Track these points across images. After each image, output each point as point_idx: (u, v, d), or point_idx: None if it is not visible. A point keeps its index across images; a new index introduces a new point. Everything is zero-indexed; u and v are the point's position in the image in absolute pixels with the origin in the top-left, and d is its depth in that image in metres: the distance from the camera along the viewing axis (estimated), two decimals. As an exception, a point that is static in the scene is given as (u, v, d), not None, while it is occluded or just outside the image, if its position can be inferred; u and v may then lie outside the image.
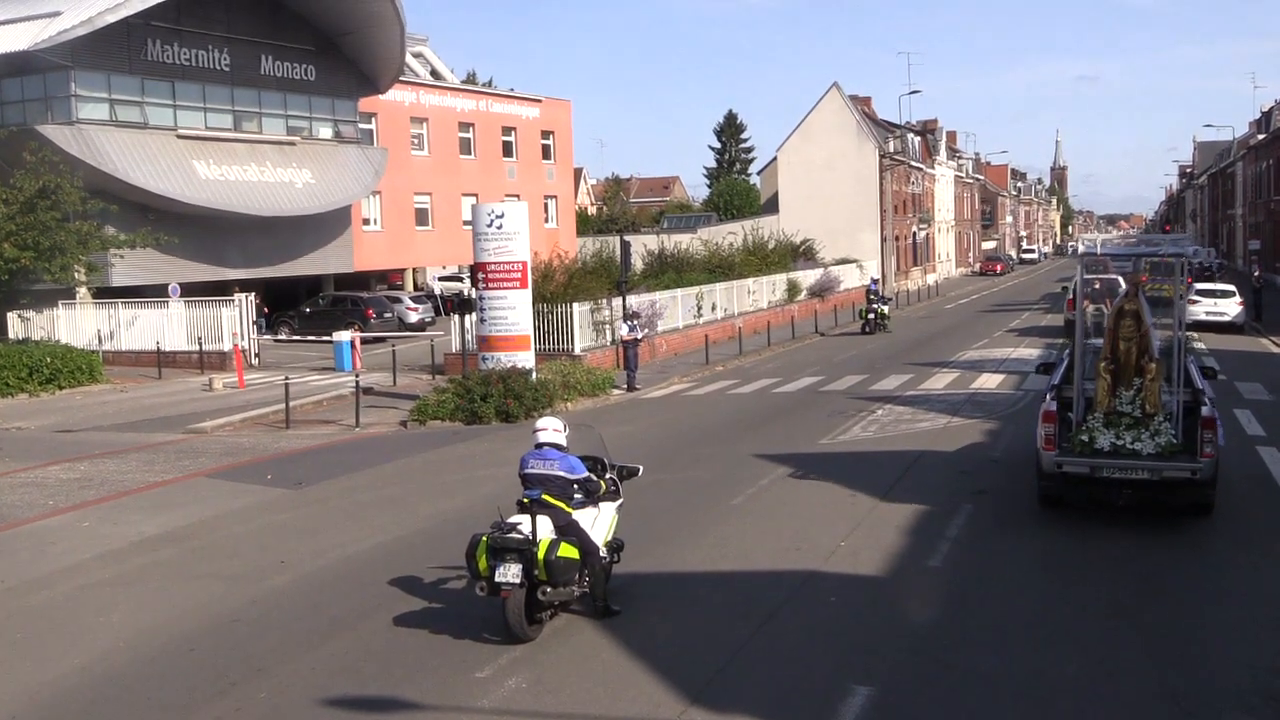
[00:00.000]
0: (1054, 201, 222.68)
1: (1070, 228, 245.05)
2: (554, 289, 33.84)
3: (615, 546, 11.76)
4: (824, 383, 30.35)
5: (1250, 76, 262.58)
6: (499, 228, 27.19)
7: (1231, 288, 45.64)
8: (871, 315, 46.14)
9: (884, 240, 76.45)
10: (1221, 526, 14.55)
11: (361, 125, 51.27)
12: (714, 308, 44.08)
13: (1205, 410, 14.69)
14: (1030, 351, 35.94)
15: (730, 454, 20.35)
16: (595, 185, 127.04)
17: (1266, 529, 14.45)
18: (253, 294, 38.72)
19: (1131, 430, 14.81)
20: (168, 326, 37.98)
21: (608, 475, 11.87)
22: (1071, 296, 38.86)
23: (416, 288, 59.42)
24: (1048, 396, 15.86)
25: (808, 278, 56.31)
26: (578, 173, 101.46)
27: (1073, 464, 14.75)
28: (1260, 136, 78.22)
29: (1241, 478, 17.26)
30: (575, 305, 33.27)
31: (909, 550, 13.66)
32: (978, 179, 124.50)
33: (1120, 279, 30.80)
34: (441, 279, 60.38)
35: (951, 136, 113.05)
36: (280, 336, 45.42)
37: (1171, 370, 15.49)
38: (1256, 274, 52.14)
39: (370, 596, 12.36)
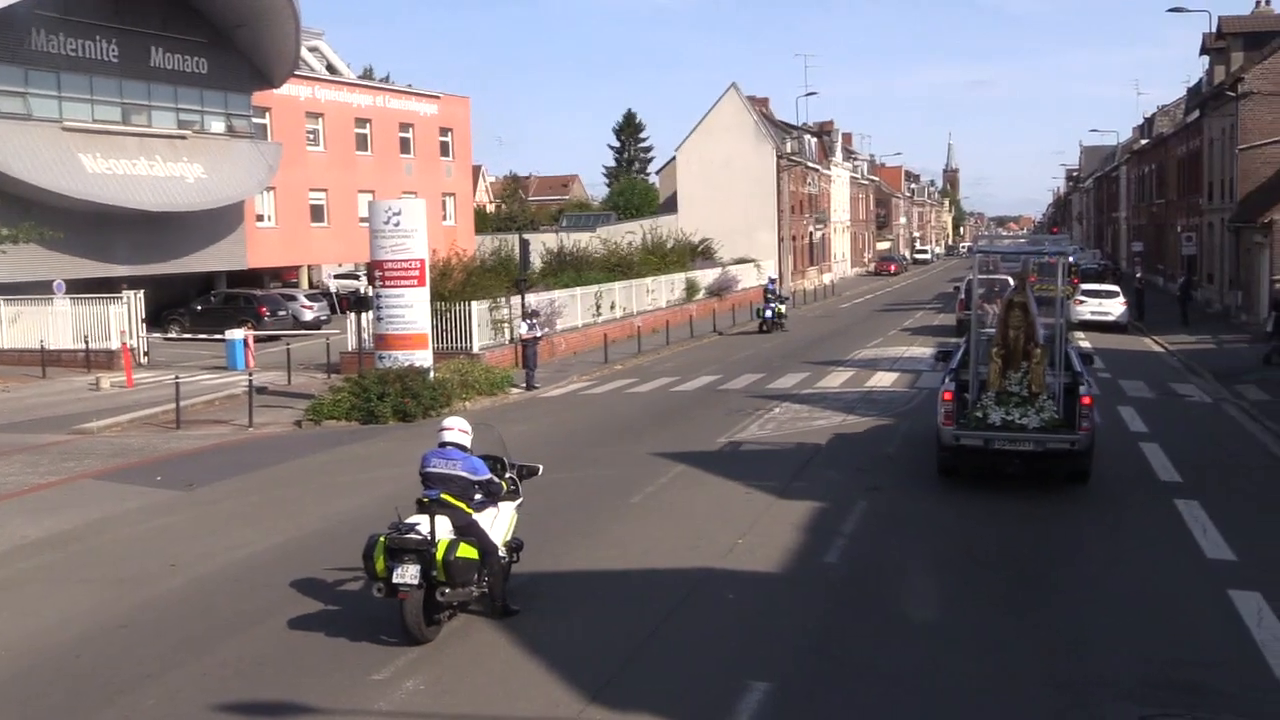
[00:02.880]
0: (946, 203, 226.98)
1: (962, 229, 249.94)
2: (452, 287, 33.58)
3: (514, 546, 11.69)
4: (722, 381, 30.54)
5: (1134, 83, 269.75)
6: (396, 225, 26.92)
7: (1116, 289, 47.01)
8: (769, 314, 46.55)
9: (781, 240, 77.18)
10: (1107, 523, 14.96)
11: (255, 120, 50.32)
12: (613, 307, 44.09)
13: (1083, 390, 16.61)
14: (923, 350, 36.53)
15: (629, 453, 20.36)
16: (494, 183, 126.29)
17: (1150, 527, 14.88)
18: (142, 291, 37.80)
19: (1020, 408, 16.52)
20: (52, 324, 36.88)
21: (507, 475, 11.81)
22: (963, 297, 39.60)
23: (312, 285, 58.55)
24: (946, 379, 17.47)
25: (706, 277, 56.62)
26: (476, 170, 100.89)
27: (969, 437, 16.52)
28: (1143, 142, 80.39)
29: (1123, 472, 17.80)
30: (474, 304, 33.03)
31: (805, 547, 13.79)
32: (873, 180, 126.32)
33: (1010, 280, 31.49)
34: (337, 277, 59.54)
35: (847, 138, 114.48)
36: (171, 335, 44.42)
37: (1054, 356, 17.16)
38: (1139, 275, 53.81)
39: (265, 599, 12.14)
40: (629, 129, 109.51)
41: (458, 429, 11.37)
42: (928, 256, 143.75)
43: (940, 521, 15.09)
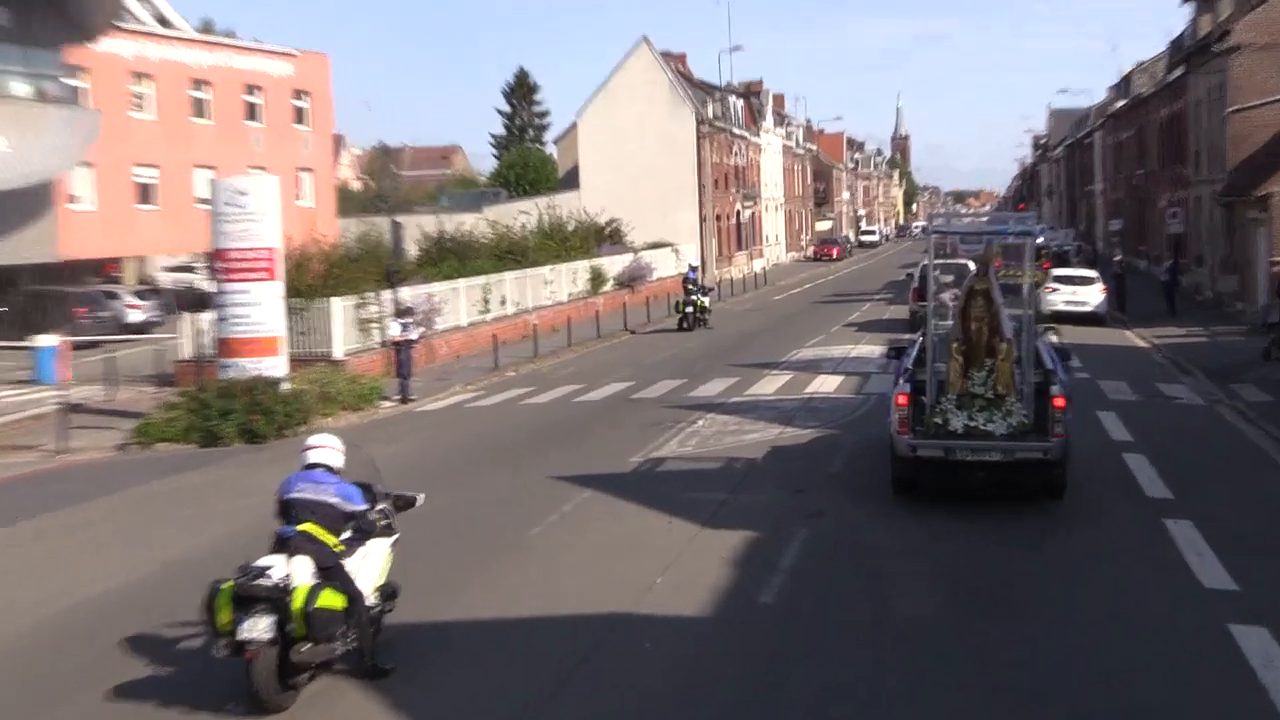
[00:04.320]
0: (896, 176, 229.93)
1: (915, 205, 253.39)
2: (310, 280, 33.23)
3: (388, 593, 11.55)
4: (635, 389, 30.55)
5: (1108, 37, 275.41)
6: (242, 207, 26.60)
7: (1093, 274, 47.80)
8: (690, 309, 46.70)
9: (703, 220, 77.53)
10: (1087, 547, 15.16)
11: (69, 82, 49.32)
12: (504, 301, 43.94)
13: (1055, 390, 16.74)
14: (872, 349, 36.85)
15: (525, 476, 20.27)
16: (360, 156, 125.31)
17: (1136, 551, 15.10)
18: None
19: (984, 412, 16.74)
20: None
21: (380, 506, 11.66)
22: (917, 285, 40.00)
23: (140, 281, 57.60)
24: (900, 380, 17.64)
25: (614, 265, 56.63)
26: (338, 141, 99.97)
27: (927, 447, 16.74)
28: (1120, 104, 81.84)
29: (1104, 487, 18.06)
30: (336, 300, 32.75)
31: (737, 585, 13.79)
32: (810, 149, 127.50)
33: (970, 265, 31.91)
34: (170, 270, 58.68)
35: (779, 100, 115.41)
36: (-36, 342, 43.39)
37: (1023, 352, 17.31)
38: (1118, 259, 54.82)
39: (84, 661, 11.87)
40: (521, 91, 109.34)
41: (328, 447, 11.24)
42: (875, 238, 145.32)
43: (895, 550, 15.16)
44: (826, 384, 30.37)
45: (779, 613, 12.92)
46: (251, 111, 61.30)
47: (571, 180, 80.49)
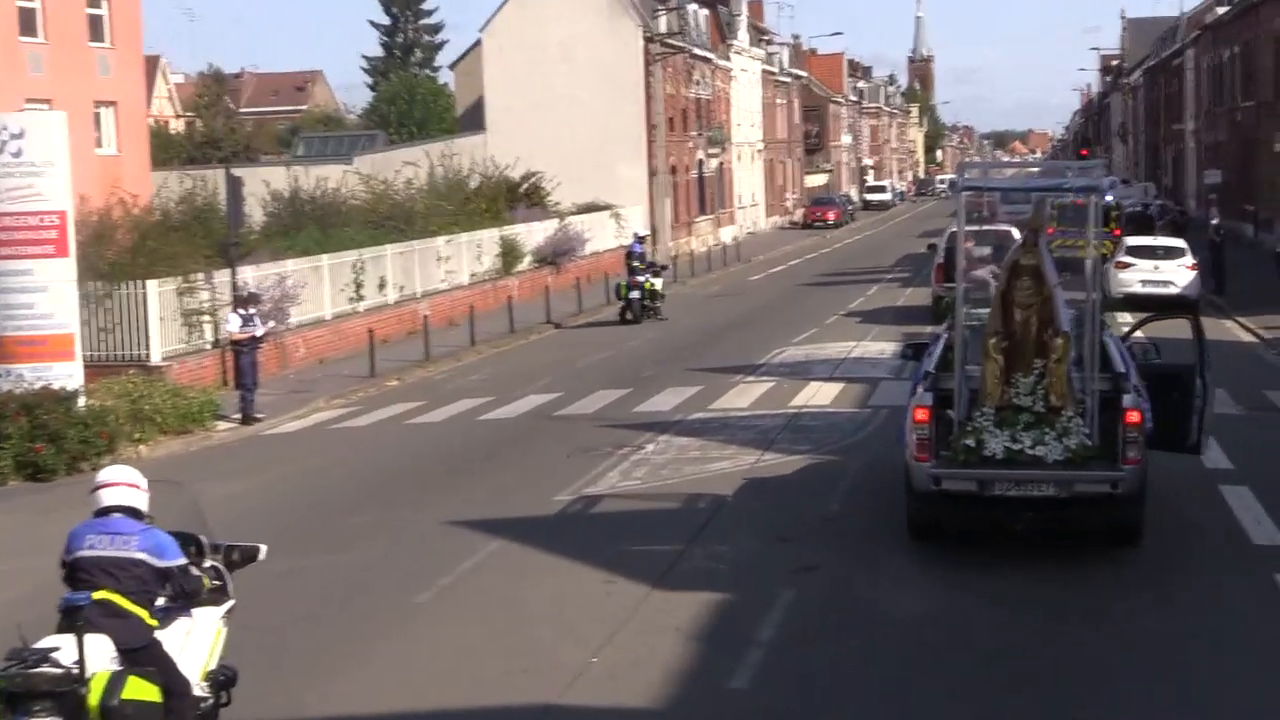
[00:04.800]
0: (915, 112, 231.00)
1: (940, 152, 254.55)
2: (115, 257, 32.98)
3: (222, 680, 11.52)
4: (562, 403, 30.60)
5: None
6: (16, 155, 26.44)
7: (1181, 244, 47.96)
8: (635, 294, 46.64)
9: (654, 175, 77.45)
10: (1176, 617, 15.29)
11: None
12: (383, 285, 43.83)
13: (1127, 400, 16.68)
14: (882, 347, 37.02)
15: (413, 522, 20.28)
16: (183, 85, 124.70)
17: (1242, 620, 15.25)
18: None
19: (1032, 430, 16.64)
20: None
21: (207, 563, 11.63)
22: (944, 260, 40.18)
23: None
24: (919, 389, 17.49)
25: (534, 235, 56.58)
26: (152, 64, 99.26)
27: (955, 478, 16.70)
28: (1221, 10, 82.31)
29: (1195, 533, 18.24)
30: (152, 284, 32.54)
31: (699, 666, 13.86)
32: (798, 76, 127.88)
33: (1015, 233, 32.12)
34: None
35: (756, 9, 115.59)
36: None
37: (1085, 350, 17.30)
38: (1215, 223, 54.94)
39: None
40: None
41: (125, 484, 11.09)
42: (887, 197, 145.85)
43: (911, 620, 15.27)
44: (820, 394, 30.52)
45: (755, 704, 13.01)
46: (27, 23, 60.73)
47: (474, 120, 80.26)
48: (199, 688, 11.20)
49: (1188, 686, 13.21)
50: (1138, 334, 22.30)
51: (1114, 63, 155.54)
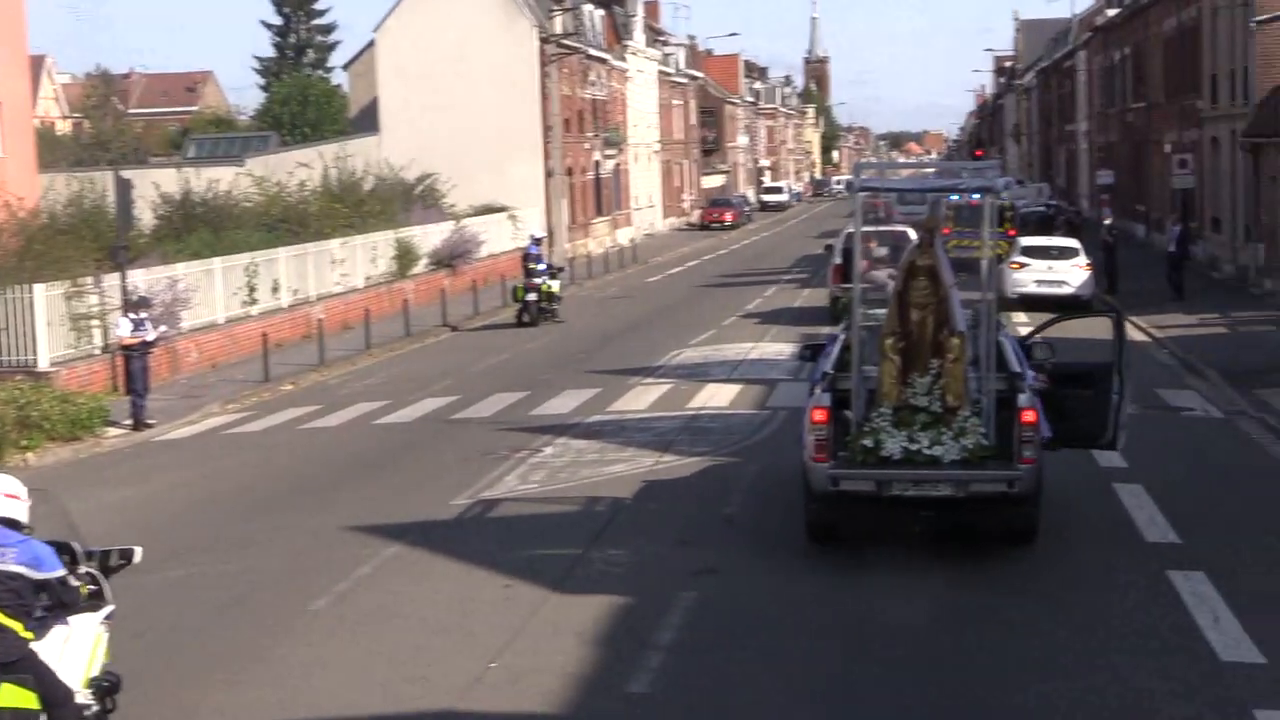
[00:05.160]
0: (812, 113, 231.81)
1: (836, 154, 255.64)
2: (1, 261, 32.61)
3: (106, 686, 11.40)
4: (459, 406, 30.54)
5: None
6: (-100, 158, 26.15)
7: (1075, 244, 48.37)
8: (532, 296, 46.54)
9: (550, 176, 77.27)
10: (1068, 612, 15.48)
11: None
12: (277, 288, 43.52)
13: (1023, 399, 16.84)
14: (780, 348, 37.11)
15: (307, 528, 20.19)
16: (70, 85, 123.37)
17: (1134, 615, 15.48)
18: None
19: (929, 430, 16.86)
20: None
21: (82, 569, 11.50)
22: (840, 261, 40.37)
23: None
24: (817, 390, 17.60)
25: (430, 237, 56.31)
26: (38, 64, 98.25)
27: (854, 478, 16.81)
28: (1112, 12, 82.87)
29: (1089, 530, 18.52)
30: (39, 288, 32.18)
31: (599, 670, 13.90)
32: (695, 77, 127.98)
33: (910, 232, 32.37)
34: None
35: (652, 10, 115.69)
36: None
37: (982, 349, 17.47)
38: (1108, 223, 55.47)
39: None
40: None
41: (5, 494, 10.99)
42: (783, 198, 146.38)
43: (812, 621, 15.38)
44: (718, 396, 30.60)
45: (656, 707, 13.05)
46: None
47: (368, 121, 79.82)
48: (82, 695, 11.06)
49: (1082, 685, 13.33)
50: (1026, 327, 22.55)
51: (1008, 64, 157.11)
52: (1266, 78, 46.36)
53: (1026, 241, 48.27)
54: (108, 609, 11.70)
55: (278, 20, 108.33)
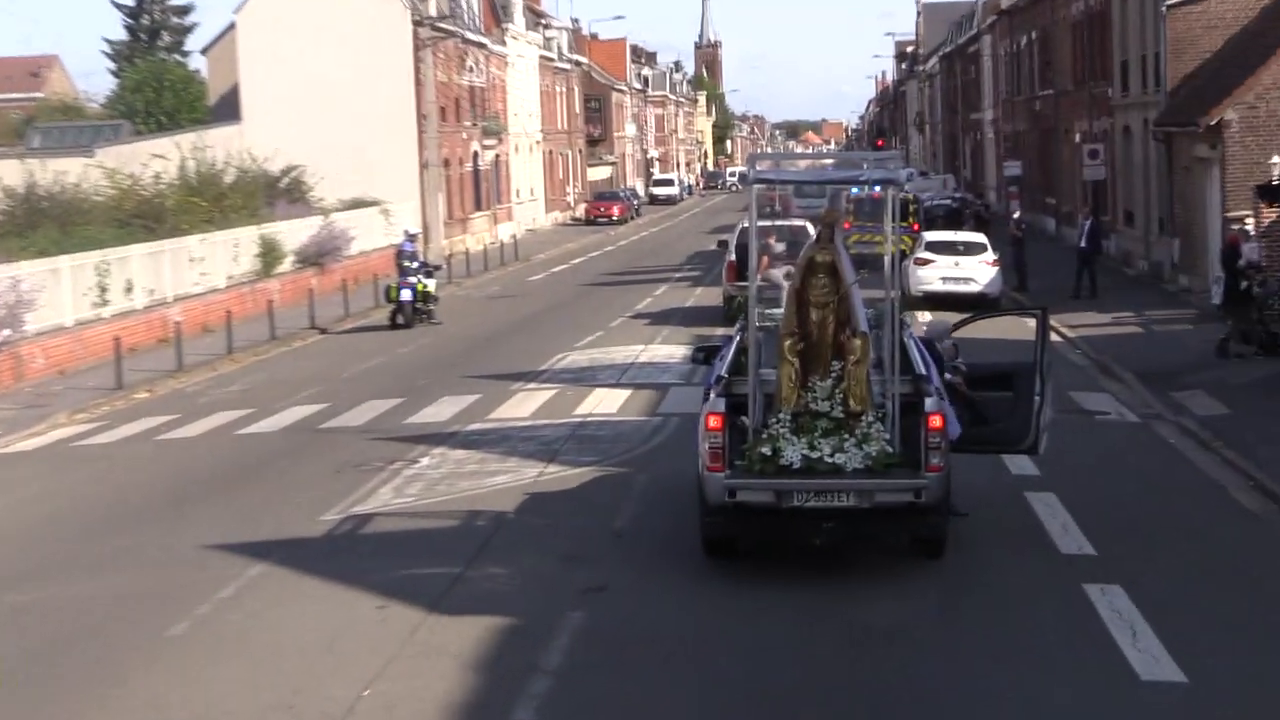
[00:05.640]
0: (703, 101, 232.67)
1: (730, 144, 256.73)
2: None
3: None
4: (328, 415, 30.38)
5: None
6: None
7: (982, 239, 48.84)
8: (407, 297, 46.38)
9: (425, 168, 77.13)
10: (981, 630, 15.55)
11: None
12: (131, 289, 43.13)
13: (930, 403, 16.88)
14: (671, 349, 37.30)
15: (165, 548, 19.98)
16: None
17: (1050, 632, 15.53)
18: None
19: (831, 437, 16.82)
20: None
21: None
22: (735, 258, 40.47)
23: None
24: (712, 393, 17.48)
25: (296, 234, 56.02)
26: None
27: (751, 489, 16.84)
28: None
29: (1000, 541, 18.62)
30: None
31: (481, 696, 13.80)
32: (579, 63, 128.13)
33: (809, 226, 32.48)
34: None
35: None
36: None
37: (886, 350, 17.52)
38: (1017, 216, 56.04)
39: None
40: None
41: None
42: (674, 190, 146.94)
43: (709, 642, 15.32)
44: (606, 402, 30.61)
45: (542, 737, 12.96)
46: None
47: (229, 109, 79.38)
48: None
49: (998, 706, 13.38)
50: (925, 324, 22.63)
51: (909, 49, 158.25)
52: (1179, 64, 46.90)
53: (931, 236, 48.74)
54: None
55: (129, 1, 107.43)
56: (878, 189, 19.62)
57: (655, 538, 19.29)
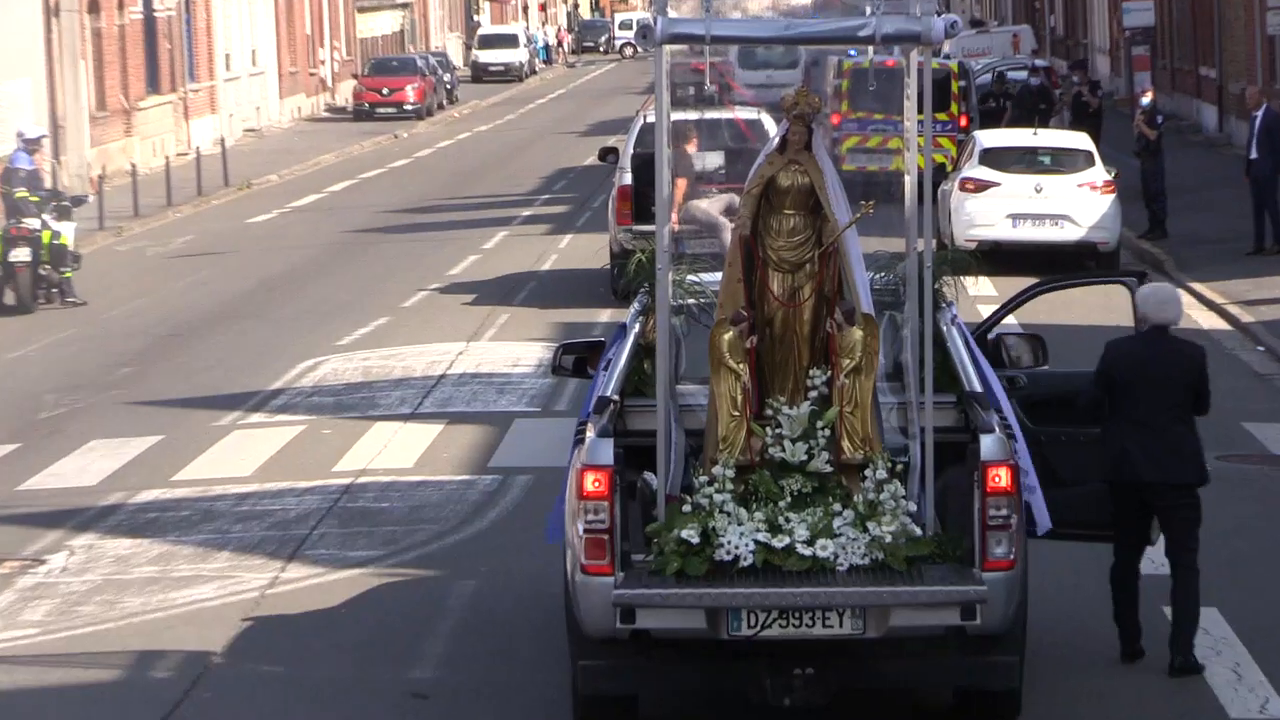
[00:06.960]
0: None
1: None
2: None
3: None
4: None
5: None
6: None
7: (1082, 142, 48.86)
8: (23, 255, 46.32)
9: (55, 14, 77.22)
10: None
11: None
12: None
13: (988, 445, 15.75)
14: (514, 348, 37.52)
15: None
16: None
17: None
18: None
19: (809, 508, 16.12)
20: None
21: None
22: (630, 182, 40.50)
23: None
24: (590, 430, 16.47)
25: None
26: None
27: (664, 606, 15.71)
28: None
29: (1128, 690, 18.56)
30: None
31: None
32: None
33: (767, 122, 32.59)
34: None
35: None
36: None
37: (907, 348, 17.33)
38: (1147, 102, 55.91)
39: None
40: None
41: None
42: (517, 57, 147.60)
43: None
44: (396, 445, 30.86)
45: None
46: None
47: None
48: None
49: None
50: (1010, 318, 22.38)
51: None
52: None
53: (991, 140, 48.76)
54: None
55: None
56: (893, 53, 19.31)
57: (488, 701, 19.08)
